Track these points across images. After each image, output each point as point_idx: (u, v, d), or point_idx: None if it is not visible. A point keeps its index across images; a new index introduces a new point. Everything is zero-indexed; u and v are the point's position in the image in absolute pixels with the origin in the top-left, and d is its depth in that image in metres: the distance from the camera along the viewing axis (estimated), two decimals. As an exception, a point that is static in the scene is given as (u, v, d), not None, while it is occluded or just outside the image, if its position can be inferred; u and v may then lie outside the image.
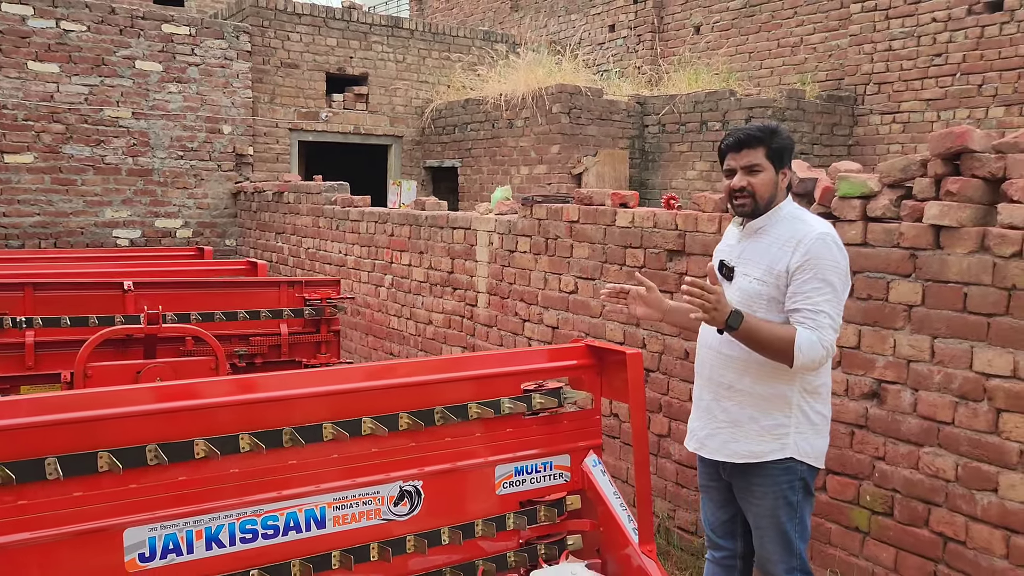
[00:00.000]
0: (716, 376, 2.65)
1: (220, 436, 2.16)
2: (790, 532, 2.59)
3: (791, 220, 2.55)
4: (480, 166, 10.36)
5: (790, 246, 2.48)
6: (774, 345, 2.43)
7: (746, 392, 2.57)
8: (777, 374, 2.53)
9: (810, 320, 2.42)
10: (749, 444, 2.57)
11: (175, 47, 9.34)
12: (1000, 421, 2.71)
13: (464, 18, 16.65)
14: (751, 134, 2.56)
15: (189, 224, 9.62)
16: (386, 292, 6.60)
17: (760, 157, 2.54)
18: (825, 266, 2.44)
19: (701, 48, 11.53)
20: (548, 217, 4.79)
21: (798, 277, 2.45)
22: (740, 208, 2.59)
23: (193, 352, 4.67)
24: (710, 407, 2.68)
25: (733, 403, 2.60)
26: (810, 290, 2.44)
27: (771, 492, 2.57)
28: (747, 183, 2.55)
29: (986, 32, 8.38)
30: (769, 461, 2.55)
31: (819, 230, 2.49)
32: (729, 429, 2.61)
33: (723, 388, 2.63)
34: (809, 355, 2.40)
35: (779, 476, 2.56)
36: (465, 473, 2.58)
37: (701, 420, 2.72)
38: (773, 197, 2.58)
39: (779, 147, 2.56)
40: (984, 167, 2.72)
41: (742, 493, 2.66)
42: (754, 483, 2.60)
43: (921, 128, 8.81)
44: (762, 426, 2.56)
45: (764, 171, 2.54)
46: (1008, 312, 2.67)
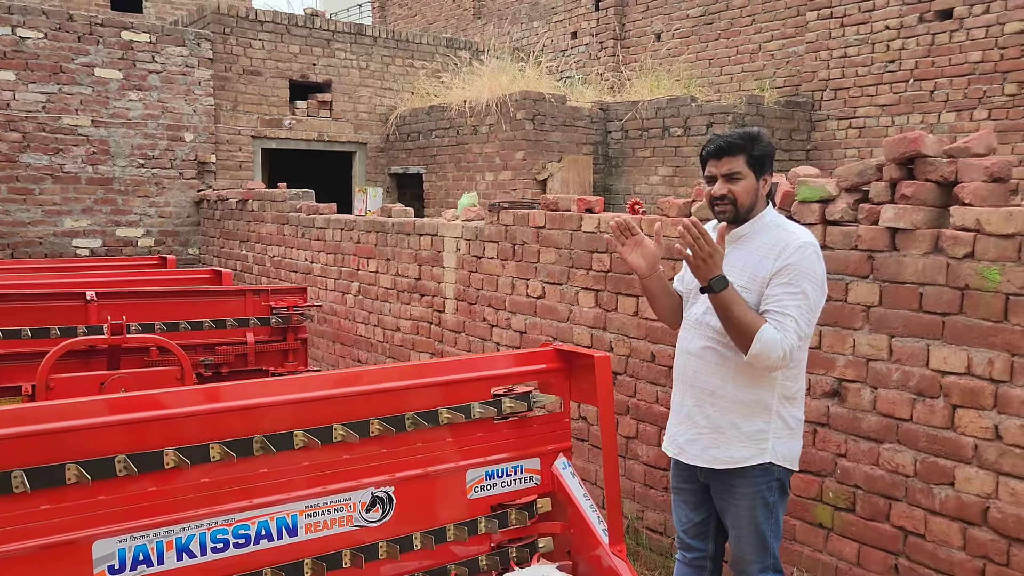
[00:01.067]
0: (699, 382, 2.65)
1: (190, 446, 2.15)
2: (766, 532, 2.63)
3: (774, 228, 2.57)
4: (445, 172, 10.37)
5: (773, 253, 2.50)
6: (742, 325, 2.44)
7: (729, 398, 2.59)
8: (758, 380, 2.56)
9: (776, 322, 2.45)
10: (730, 450, 2.59)
11: (135, 54, 9.22)
12: (956, 417, 2.79)
13: (427, 25, 16.66)
14: (732, 141, 2.56)
15: (151, 233, 9.50)
16: (353, 299, 6.58)
17: (740, 164, 2.54)
18: (801, 274, 2.46)
19: (662, 55, 11.67)
20: (515, 223, 4.83)
21: (775, 281, 2.48)
22: (721, 215, 2.59)
23: (158, 362, 4.61)
24: (691, 413, 2.68)
25: (715, 409, 2.61)
26: (782, 294, 2.46)
27: (749, 493, 2.60)
28: (728, 190, 2.55)
29: (937, 40, 8.60)
30: (748, 467, 2.58)
31: (802, 239, 2.51)
32: (711, 435, 2.62)
33: (706, 394, 2.63)
34: (765, 350, 2.42)
35: (758, 477, 2.59)
36: (436, 478, 2.59)
37: (682, 426, 2.72)
38: (754, 204, 2.58)
39: (760, 154, 2.57)
40: (937, 171, 2.81)
41: (720, 495, 2.69)
42: (733, 485, 2.63)
43: (876, 133, 9.01)
44: (743, 432, 2.58)
45: (745, 178, 2.55)
46: (962, 311, 2.76)
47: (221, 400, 2.32)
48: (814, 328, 2.53)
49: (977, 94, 8.29)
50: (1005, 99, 8.09)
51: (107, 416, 2.12)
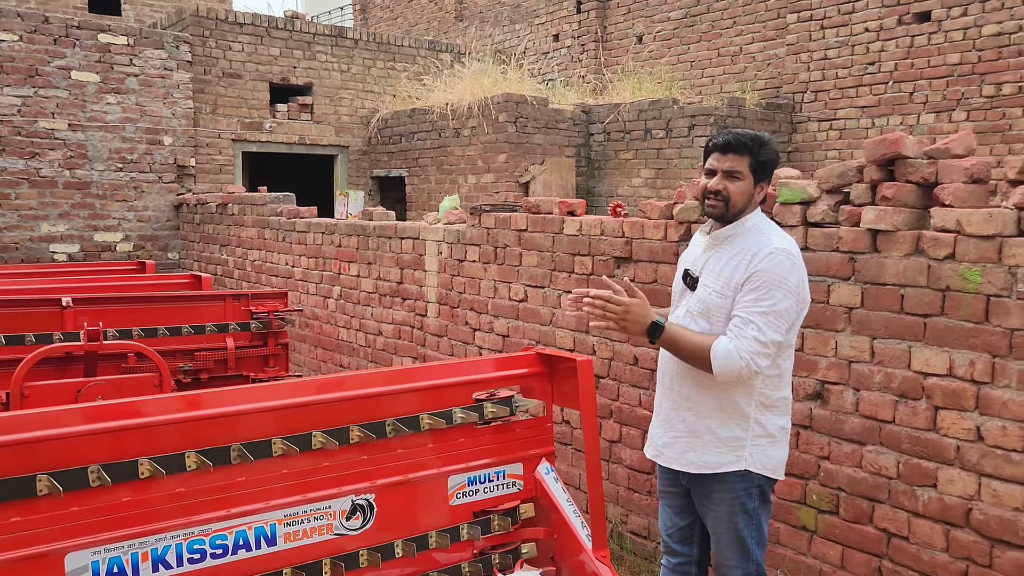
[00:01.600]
0: (676, 387, 2.64)
1: (165, 455, 2.11)
2: (747, 538, 2.61)
3: (754, 233, 2.54)
4: (427, 175, 10.34)
5: (746, 260, 2.48)
6: (693, 352, 2.46)
7: (705, 404, 2.57)
8: (736, 387, 2.53)
9: (736, 329, 2.43)
10: (706, 455, 2.58)
11: (113, 57, 9.13)
12: (938, 418, 2.79)
13: (408, 28, 16.63)
14: (741, 140, 2.52)
15: (130, 237, 9.40)
16: (335, 303, 6.53)
17: (743, 165, 2.51)
18: (771, 280, 2.43)
19: (644, 57, 11.69)
20: (497, 226, 4.80)
21: (746, 286, 2.46)
22: (711, 209, 2.56)
23: (136, 369, 4.55)
24: (669, 416, 2.68)
25: (692, 414, 2.60)
26: (749, 300, 2.44)
27: (728, 499, 2.59)
28: (724, 187, 2.52)
29: (916, 42, 8.67)
30: (725, 472, 2.57)
31: (776, 245, 2.48)
32: (687, 439, 2.62)
33: (683, 399, 2.62)
34: (725, 363, 2.40)
35: (736, 483, 2.57)
36: (418, 485, 2.56)
37: (660, 428, 2.73)
38: (745, 208, 2.55)
39: (764, 160, 2.54)
40: (917, 172, 2.81)
41: (700, 499, 2.68)
42: (712, 490, 2.62)
43: (857, 134, 9.06)
44: (719, 438, 2.56)
45: (743, 180, 2.52)
46: (943, 312, 2.76)
47: (198, 407, 2.29)
48: (789, 335, 2.49)
49: (956, 96, 8.35)
50: (983, 100, 8.16)
51: (83, 425, 2.08)
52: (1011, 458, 2.61)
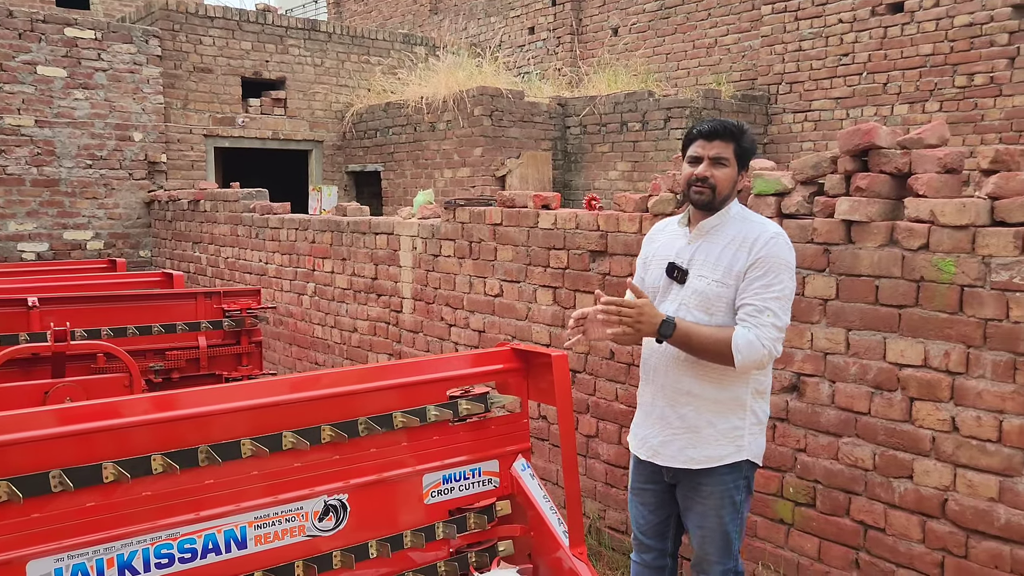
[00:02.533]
0: (672, 382, 2.58)
1: (131, 458, 2.06)
2: (731, 532, 2.59)
3: (741, 220, 2.54)
4: (403, 170, 10.26)
5: (746, 246, 2.46)
6: (713, 348, 2.41)
7: (704, 397, 2.53)
8: (733, 378, 2.51)
9: (752, 318, 2.40)
10: (707, 449, 2.54)
11: (80, 52, 8.97)
12: (913, 409, 2.79)
13: (383, 21, 16.50)
14: (727, 127, 2.52)
15: (100, 235, 9.25)
16: (309, 300, 6.46)
17: (729, 152, 2.50)
18: (778, 266, 2.43)
19: (619, 50, 11.68)
20: (471, 220, 4.76)
21: (751, 274, 2.43)
22: (697, 196, 2.52)
23: (105, 369, 4.47)
24: (665, 414, 2.61)
25: (691, 409, 2.55)
26: (759, 287, 2.42)
27: (717, 492, 2.56)
28: (711, 174, 2.49)
29: (889, 32, 8.71)
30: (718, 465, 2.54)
31: (772, 231, 2.49)
32: (687, 435, 2.56)
33: (680, 394, 2.56)
34: (749, 354, 2.38)
35: (726, 475, 2.55)
36: (392, 484, 2.53)
37: (654, 428, 2.64)
38: (728, 196, 2.54)
39: (747, 147, 2.54)
40: (891, 163, 2.81)
41: (688, 493, 2.63)
42: (701, 483, 2.58)
43: (831, 126, 9.11)
44: (719, 430, 2.53)
45: (729, 167, 2.51)
46: (918, 303, 2.76)
47: (167, 409, 2.24)
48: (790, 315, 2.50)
49: (929, 86, 8.41)
50: (955, 91, 8.22)
51: (47, 428, 2.03)
52: (986, 448, 2.61)
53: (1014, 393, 2.54)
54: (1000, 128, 7.93)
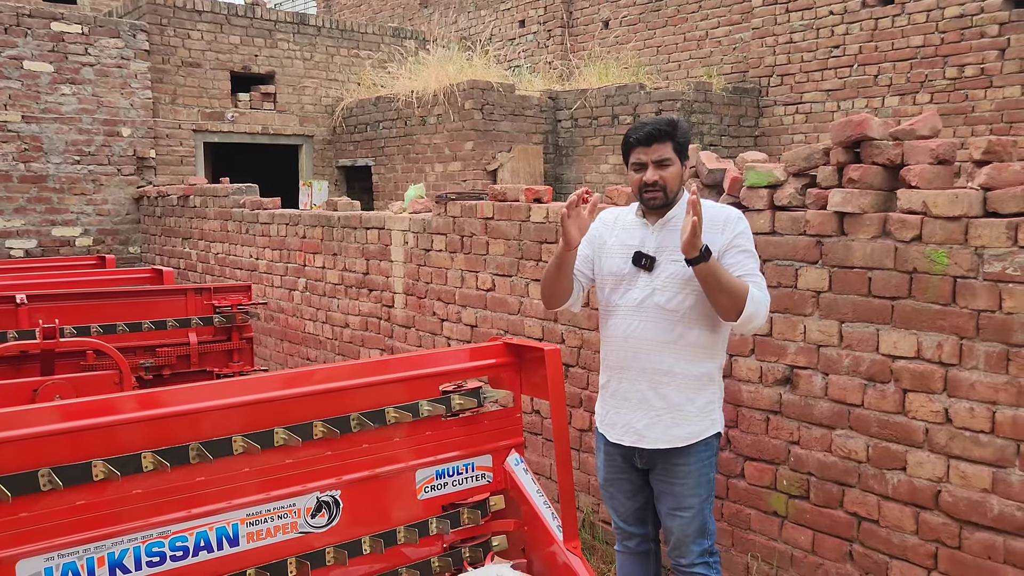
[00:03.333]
0: (653, 364, 2.67)
1: (121, 456, 2.04)
2: (707, 511, 2.72)
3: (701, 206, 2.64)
4: (394, 164, 10.23)
5: (717, 228, 2.61)
6: (732, 289, 2.51)
7: (683, 375, 2.65)
8: (706, 353, 2.67)
9: (753, 284, 2.56)
10: (689, 427, 2.66)
11: (67, 47, 8.89)
12: (906, 401, 2.79)
13: (372, 15, 16.43)
14: (661, 128, 2.63)
15: (89, 232, 9.19)
16: (300, 296, 6.43)
17: (669, 151, 2.63)
18: (749, 238, 2.65)
19: (610, 43, 11.65)
20: (463, 215, 4.74)
21: (730, 251, 2.60)
22: (652, 201, 2.66)
23: (95, 367, 4.44)
24: (646, 396, 2.69)
25: (672, 388, 2.66)
26: (743, 260, 2.60)
27: (694, 471, 2.67)
28: (659, 177, 2.62)
29: (880, 24, 8.71)
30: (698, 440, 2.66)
31: (735, 212, 2.70)
32: (670, 415, 2.67)
33: (661, 374, 2.66)
34: (755, 309, 2.52)
35: (701, 452, 2.68)
36: (385, 480, 2.52)
37: (637, 412, 2.72)
38: (679, 189, 2.69)
39: (684, 140, 2.68)
40: (883, 154, 2.80)
41: (663, 477, 2.72)
42: (678, 464, 2.68)
43: (823, 118, 9.11)
44: (697, 406, 2.67)
45: (673, 164, 2.64)
46: (910, 295, 2.76)
47: (157, 406, 2.22)
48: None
49: (919, 78, 8.42)
50: (946, 83, 8.23)
51: (37, 427, 2.00)
52: (979, 439, 2.61)
53: (1007, 384, 2.54)
54: (991, 119, 7.94)
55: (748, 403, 3.27)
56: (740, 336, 3.17)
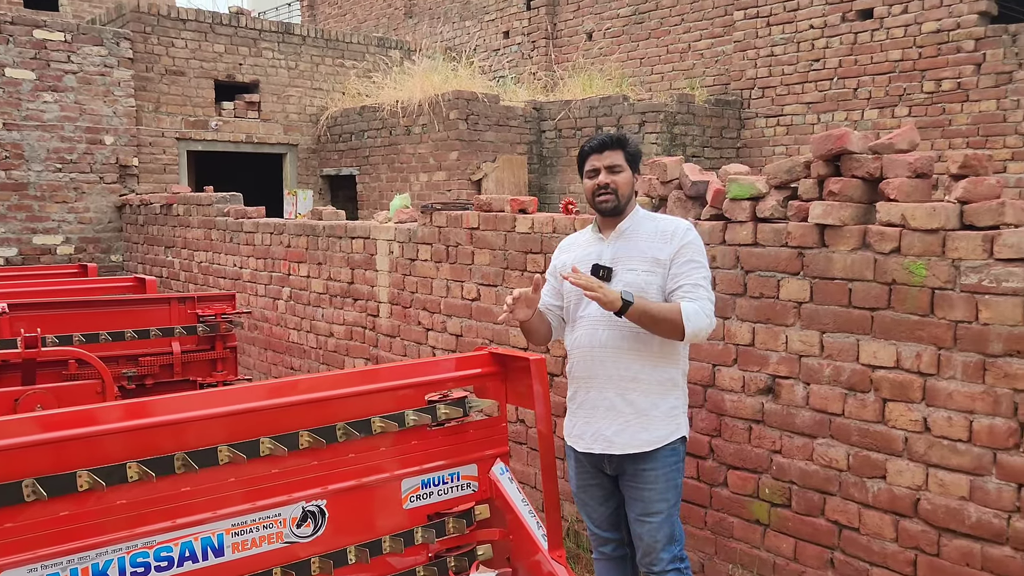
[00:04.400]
0: (619, 371, 2.75)
1: (105, 466, 2.04)
2: (675, 518, 2.79)
3: (651, 219, 2.85)
4: (379, 173, 10.23)
5: (666, 238, 2.75)
6: (666, 317, 2.63)
7: (649, 380, 2.74)
8: (668, 359, 2.77)
9: (690, 293, 2.68)
10: (656, 431, 2.74)
11: (49, 54, 8.85)
12: (886, 410, 2.83)
13: (357, 24, 16.45)
14: (612, 137, 2.84)
15: (71, 240, 9.13)
16: (284, 305, 6.42)
17: (620, 159, 2.80)
18: (699, 250, 2.76)
19: (594, 54, 11.73)
20: (448, 224, 4.76)
21: (677, 261, 2.72)
22: (603, 204, 2.80)
23: (77, 376, 4.40)
24: (614, 404, 2.76)
25: (639, 394, 2.74)
26: (688, 270, 2.71)
27: (662, 476, 2.74)
28: (611, 180, 2.78)
29: (859, 39, 8.83)
30: (665, 444, 2.74)
31: (685, 223, 2.83)
32: (638, 420, 2.74)
33: (627, 380, 2.75)
34: (696, 323, 2.63)
35: (668, 457, 2.75)
36: (370, 489, 2.53)
37: (606, 419, 2.78)
38: (630, 197, 2.83)
39: (634, 151, 2.85)
40: (863, 167, 2.85)
41: (633, 482, 2.78)
42: (646, 469, 2.75)
43: (803, 130, 9.21)
44: (662, 411, 2.76)
45: (624, 171, 2.80)
46: (890, 306, 2.80)
47: (141, 416, 2.22)
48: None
49: (898, 92, 8.53)
50: (924, 96, 8.35)
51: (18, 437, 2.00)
52: (957, 448, 2.65)
53: (983, 393, 2.58)
54: (967, 133, 8.06)
55: (731, 412, 3.30)
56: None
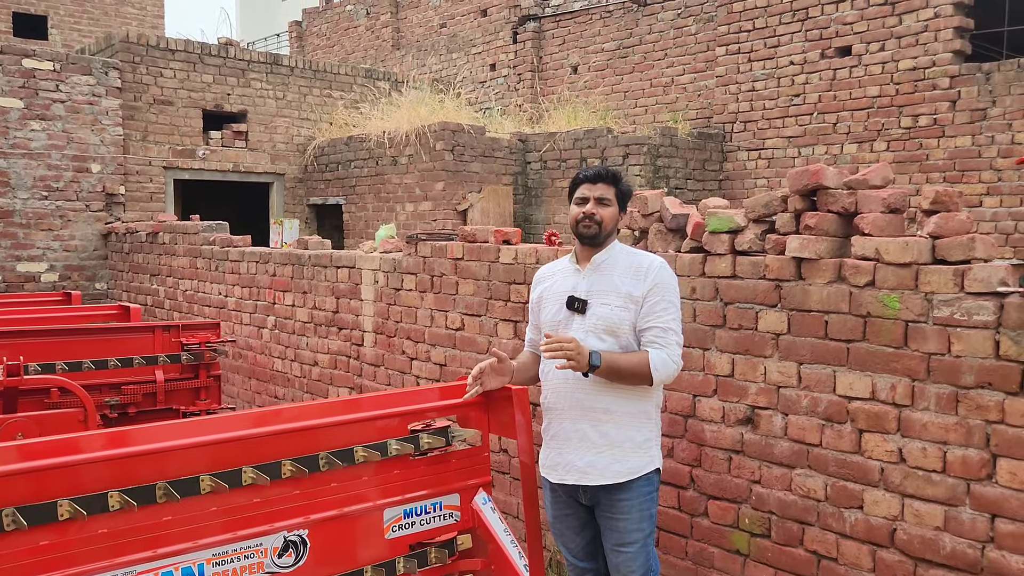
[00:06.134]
0: (592, 403, 2.79)
1: (86, 495, 2.04)
2: (650, 547, 2.82)
3: (627, 253, 2.90)
4: (365, 203, 10.28)
5: (640, 274, 2.80)
6: (634, 371, 2.71)
7: (622, 412, 2.78)
8: (641, 392, 2.80)
9: (660, 338, 2.74)
10: (628, 462, 2.77)
11: (38, 83, 8.89)
12: (862, 441, 2.87)
13: (345, 55, 16.60)
14: (608, 171, 2.90)
15: (55, 268, 9.10)
16: (269, 334, 6.42)
17: (611, 193, 2.87)
18: (670, 289, 2.80)
19: (579, 87, 11.89)
20: (433, 255, 4.80)
21: (650, 299, 2.76)
22: (585, 230, 2.85)
23: (59, 404, 4.39)
24: (587, 435, 2.79)
25: (612, 425, 2.78)
26: (660, 311, 2.76)
27: (636, 506, 2.78)
28: (597, 212, 2.83)
29: (838, 75, 9.02)
30: (639, 476, 2.77)
31: (659, 260, 2.86)
32: (610, 451, 2.78)
33: (600, 412, 2.78)
34: (664, 371, 2.72)
35: (642, 488, 2.79)
36: (352, 519, 2.53)
37: (578, 451, 2.81)
38: (611, 233, 2.89)
39: (626, 191, 2.93)
40: (838, 202, 2.91)
41: (608, 512, 2.81)
42: (621, 499, 2.78)
43: (784, 163, 9.35)
44: (636, 443, 2.79)
45: (612, 206, 2.87)
46: (865, 338, 2.85)
47: (122, 444, 2.23)
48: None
49: (876, 127, 8.70)
50: (901, 132, 8.52)
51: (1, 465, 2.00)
52: (931, 479, 2.70)
53: (956, 424, 2.63)
54: (944, 167, 8.22)
55: (711, 443, 3.34)
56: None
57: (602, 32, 11.70)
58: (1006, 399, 2.53)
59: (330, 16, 17.35)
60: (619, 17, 11.46)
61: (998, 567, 2.54)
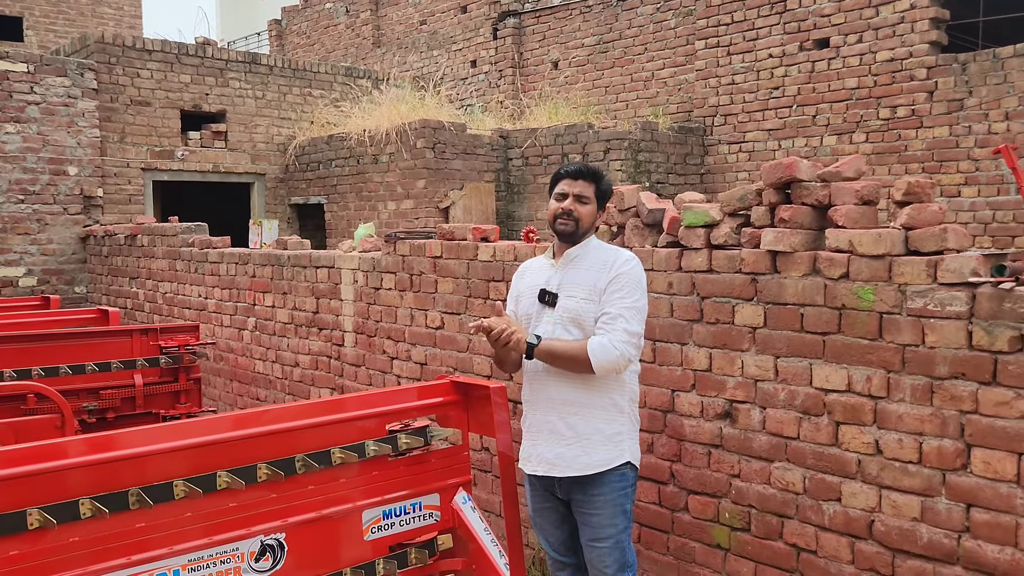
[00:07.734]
0: (560, 395, 2.82)
1: (56, 503, 2.02)
2: (625, 542, 2.83)
3: (600, 250, 2.92)
4: (347, 202, 10.24)
5: (606, 268, 2.82)
6: (571, 355, 2.73)
7: (590, 405, 2.79)
8: (613, 385, 2.81)
9: (607, 324, 2.74)
10: (596, 455, 2.78)
11: (11, 85, 8.78)
12: (839, 433, 2.88)
13: (326, 54, 16.53)
14: (590, 169, 2.91)
15: (33, 272, 9.01)
16: (250, 335, 6.38)
17: (591, 192, 2.88)
18: (631, 281, 2.80)
19: (560, 83, 11.88)
20: (412, 253, 4.78)
21: (609, 288, 2.78)
22: (562, 227, 2.86)
23: (36, 410, 4.35)
24: (556, 427, 2.82)
25: (579, 418, 2.80)
26: (615, 299, 2.77)
27: (610, 500, 2.79)
28: (575, 209, 2.85)
29: (816, 67, 9.05)
30: (610, 469, 2.78)
31: (627, 255, 2.89)
32: (579, 443, 2.80)
33: (568, 404, 2.81)
34: (603, 356, 2.69)
35: (616, 483, 2.79)
36: (330, 521, 2.52)
37: (548, 442, 2.85)
38: (588, 230, 2.90)
39: (605, 189, 2.94)
40: (811, 195, 2.92)
41: (582, 507, 2.83)
42: (594, 494, 2.80)
43: (764, 156, 9.38)
44: (605, 435, 2.80)
45: (590, 204, 2.88)
46: (840, 330, 2.86)
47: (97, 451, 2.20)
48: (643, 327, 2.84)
49: (855, 118, 8.74)
50: (880, 123, 8.56)
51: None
52: (908, 470, 2.71)
53: (932, 415, 2.65)
54: (923, 158, 8.27)
55: (691, 437, 3.34)
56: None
57: (582, 27, 11.70)
58: (979, 389, 2.54)
59: (310, 14, 17.26)
60: (599, 12, 11.46)
61: (974, 556, 2.56)
